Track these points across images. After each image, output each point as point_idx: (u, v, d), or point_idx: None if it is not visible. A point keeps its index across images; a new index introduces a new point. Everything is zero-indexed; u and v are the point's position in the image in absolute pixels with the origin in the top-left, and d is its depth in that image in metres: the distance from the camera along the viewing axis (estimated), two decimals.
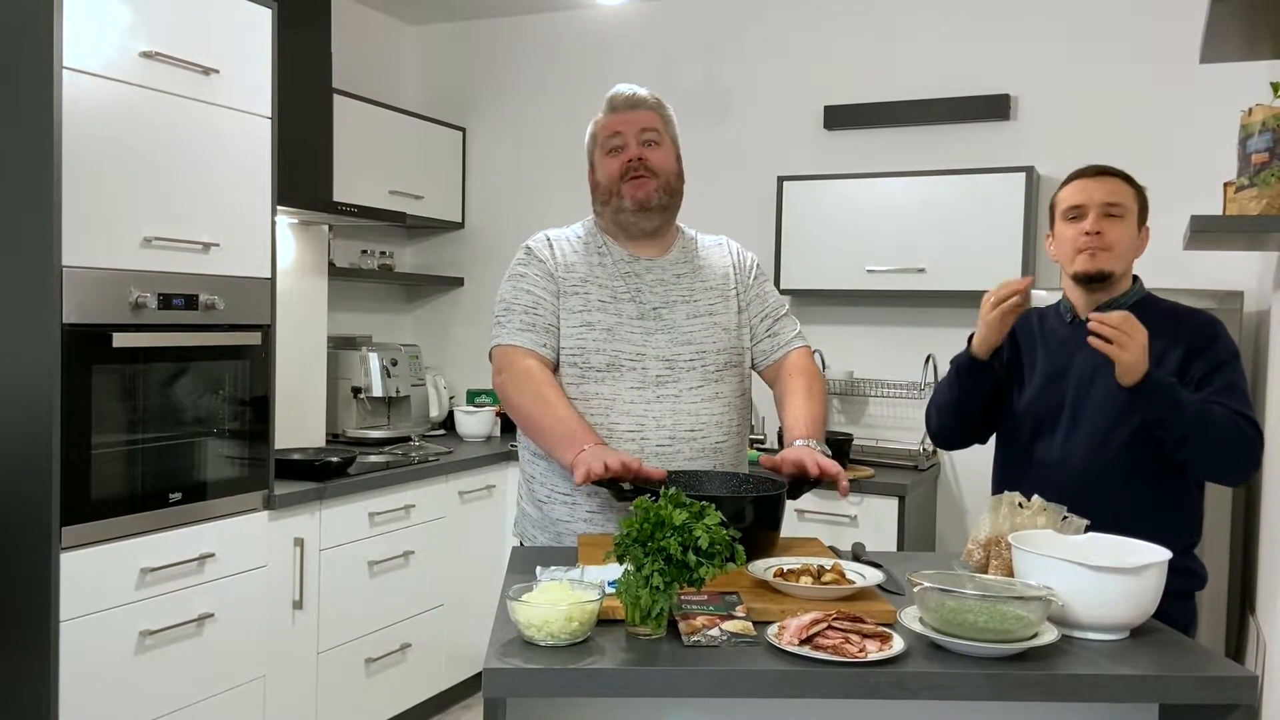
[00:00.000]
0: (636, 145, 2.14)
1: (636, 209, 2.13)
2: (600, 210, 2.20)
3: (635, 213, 2.13)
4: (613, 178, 2.14)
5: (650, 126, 2.16)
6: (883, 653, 1.39)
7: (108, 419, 2.53)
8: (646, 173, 2.13)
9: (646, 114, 2.17)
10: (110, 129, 2.51)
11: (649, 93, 2.20)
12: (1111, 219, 2.07)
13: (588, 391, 2.08)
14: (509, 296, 2.15)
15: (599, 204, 2.19)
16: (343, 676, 3.30)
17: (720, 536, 1.48)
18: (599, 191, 2.18)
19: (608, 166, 2.16)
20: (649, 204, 2.13)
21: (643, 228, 2.16)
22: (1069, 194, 2.12)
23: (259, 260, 2.94)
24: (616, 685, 1.38)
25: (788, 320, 2.27)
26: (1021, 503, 1.82)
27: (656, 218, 2.16)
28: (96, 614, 2.50)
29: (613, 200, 2.14)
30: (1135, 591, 1.51)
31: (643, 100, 2.18)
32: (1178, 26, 3.43)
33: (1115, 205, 2.07)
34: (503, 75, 4.64)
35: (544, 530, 2.17)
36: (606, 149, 2.16)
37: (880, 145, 3.93)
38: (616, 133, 2.15)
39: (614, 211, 2.15)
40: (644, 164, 2.13)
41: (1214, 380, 1.99)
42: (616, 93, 2.19)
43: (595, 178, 2.20)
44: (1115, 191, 2.08)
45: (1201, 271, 3.25)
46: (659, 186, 2.14)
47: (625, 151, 2.14)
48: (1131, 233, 2.09)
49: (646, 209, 2.13)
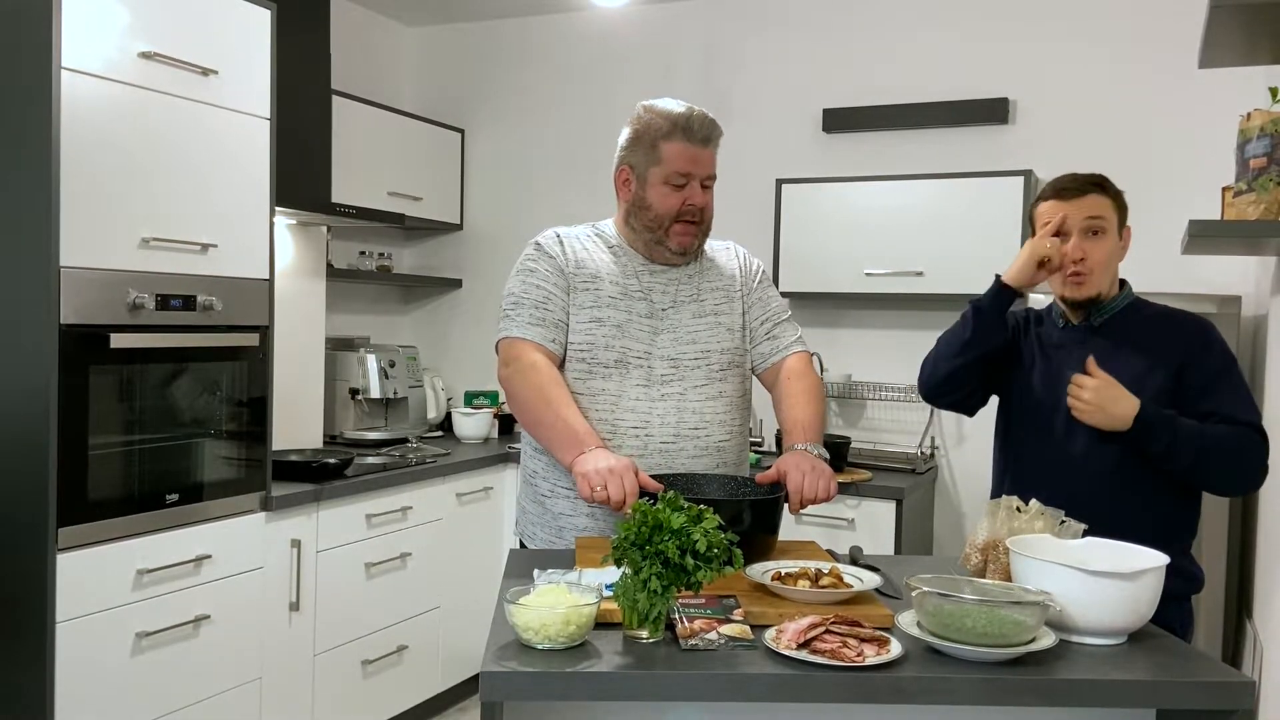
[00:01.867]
0: (701, 192, 2.11)
1: (679, 252, 2.14)
2: (636, 227, 2.16)
3: (675, 254, 2.14)
4: (669, 214, 2.10)
5: (713, 173, 2.13)
6: (880, 657, 1.39)
7: (105, 420, 2.53)
8: (699, 220, 2.12)
9: (713, 154, 2.13)
10: (109, 130, 2.51)
11: (717, 124, 2.12)
12: (1093, 238, 2.05)
13: (594, 387, 2.08)
14: (518, 290, 2.15)
15: (639, 223, 2.14)
16: (339, 678, 3.30)
17: (718, 540, 1.48)
18: (645, 214, 2.12)
19: (666, 200, 2.10)
20: (689, 250, 2.15)
21: (672, 263, 2.17)
22: (1048, 211, 2.10)
23: (257, 261, 2.94)
24: (614, 689, 1.38)
25: (788, 325, 2.28)
26: (1019, 507, 1.82)
27: (689, 259, 2.18)
28: (93, 615, 2.50)
29: (658, 232, 2.12)
30: (1133, 597, 1.51)
31: (715, 137, 2.12)
32: (1176, 31, 3.43)
33: (1096, 219, 2.05)
34: (501, 77, 4.64)
35: (545, 526, 2.17)
36: (670, 181, 2.09)
37: (879, 149, 3.94)
38: (687, 173, 2.09)
39: (654, 240, 2.13)
40: (701, 213, 2.12)
41: (1214, 390, 1.98)
42: (697, 117, 2.09)
43: (644, 197, 2.12)
44: (1094, 207, 2.06)
45: (1199, 276, 3.26)
46: (701, 233, 2.15)
47: (688, 192, 2.09)
48: (1112, 245, 2.07)
49: (686, 254, 2.15)
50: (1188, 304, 2.29)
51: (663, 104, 2.13)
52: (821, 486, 1.93)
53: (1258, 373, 2.91)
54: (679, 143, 2.08)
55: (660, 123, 2.09)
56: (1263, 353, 2.86)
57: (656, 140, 2.09)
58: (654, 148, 2.10)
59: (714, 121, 2.11)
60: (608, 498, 1.82)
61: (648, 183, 2.11)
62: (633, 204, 2.14)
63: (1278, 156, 1.94)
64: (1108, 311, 2.10)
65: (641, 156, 2.12)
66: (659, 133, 2.09)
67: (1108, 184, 2.10)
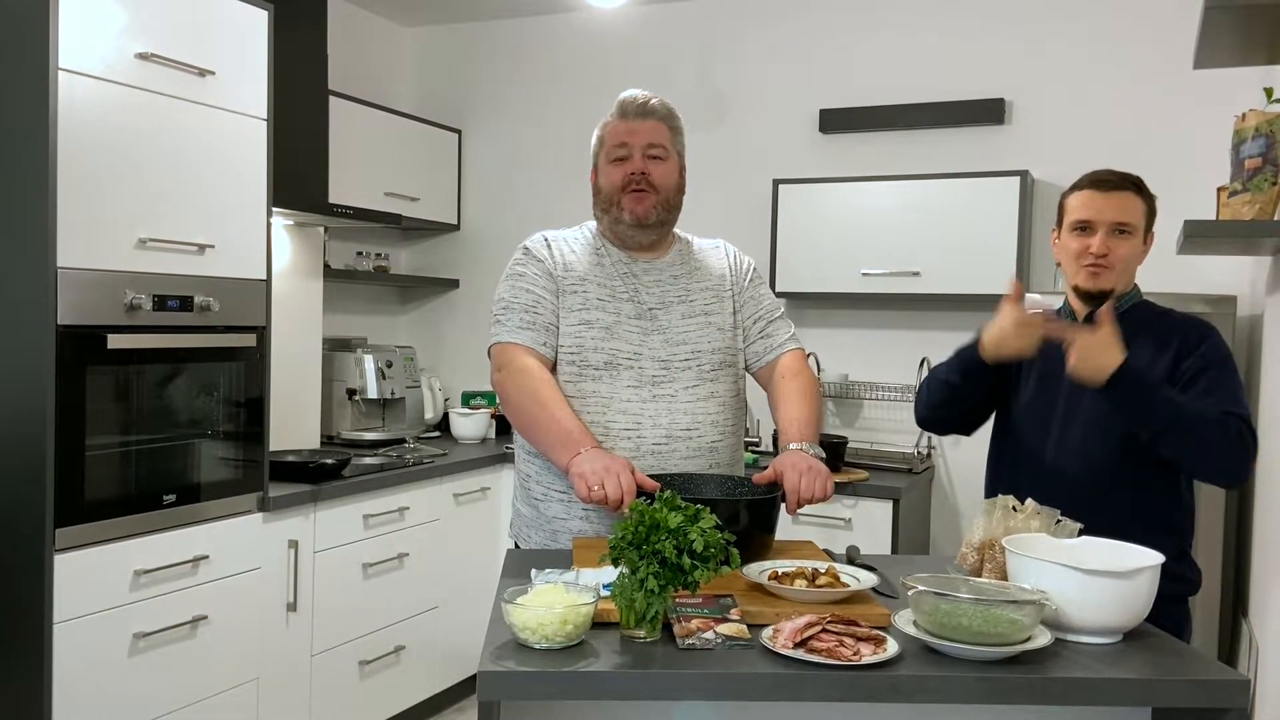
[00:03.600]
0: (641, 158, 2.12)
1: (634, 223, 2.14)
2: (599, 215, 2.20)
3: (632, 226, 2.14)
4: (614, 187, 2.13)
5: (657, 141, 2.14)
6: (876, 656, 1.39)
7: (102, 420, 2.53)
8: (648, 187, 2.12)
9: (655, 125, 2.15)
10: (106, 130, 2.51)
11: (661, 101, 2.17)
12: (1120, 237, 2.05)
13: (585, 390, 2.09)
14: (508, 295, 2.15)
15: (599, 209, 2.19)
16: (337, 679, 3.30)
17: (715, 540, 1.49)
18: (600, 197, 2.18)
19: (610, 175, 2.14)
20: (646, 220, 2.14)
21: (638, 240, 2.18)
22: (1078, 206, 2.09)
23: (254, 262, 2.94)
24: (611, 688, 1.38)
25: (782, 323, 2.28)
26: (1015, 506, 1.83)
27: (653, 233, 2.18)
28: (90, 616, 2.49)
29: (612, 209, 2.15)
30: (1128, 595, 1.52)
31: (654, 110, 2.15)
32: (1172, 32, 3.44)
33: (1125, 225, 2.04)
34: (498, 77, 4.64)
35: (539, 530, 2.17)
36: (612, 156, 2.14)
37: (875, 149, 3.94)
38: (623, 143, 2.13)
39: (612, 220, 2.16)
40: (646, 179, 2.12)
41: (1201, 379, 1.98)
42: (629, 98, 2.16)
43: (597, 182, 2.19)
44: (1126, 209, 2.05)
45: (1195, 276, 3.26)
46: (658, 203, 2.14)
47: (629, 163, 2.12)
48: (1137, 248, 2.07)
49: (644, 225, 2.14)
50: (1183, 304, 2.30)
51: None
52: (818, 486, 1.94)
53: (1253, 372, 2.92)
54: (614, 120, 2.17)
55: (607, 114, 2.19)
56: (1258, 352, 2.87)
57: (603, 129, 2.19)
58: (601, 138, 2.19)
59: (654, 99, 2.17)
60: (605, 497, 1.82)
61: (599, 169, 2.19)
62: (594, 195, 2.20)
63: (1272, 157, 1.95)
64: (1116, 309, 2.10)
65: (595, 148, 2.20)
66: (605, 123, 2.19)
67: (1143, 186, 2.09)
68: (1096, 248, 2.04)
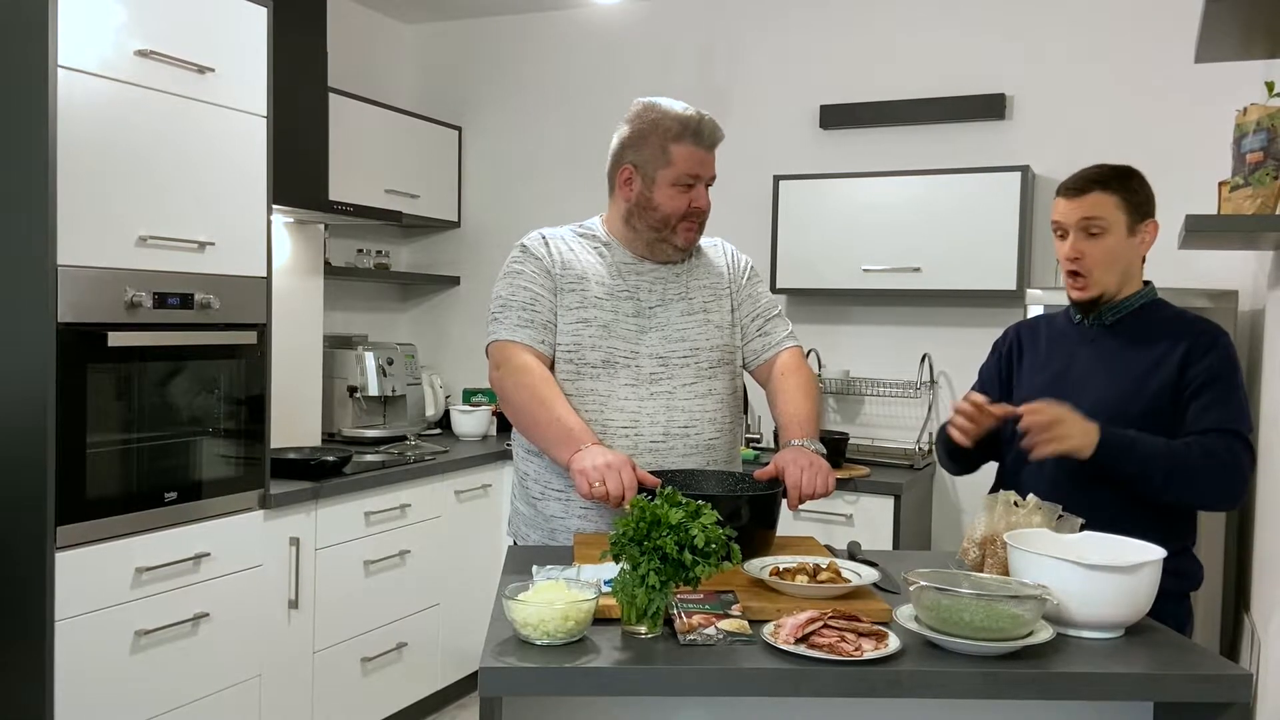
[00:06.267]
0: (706, 194, 2.14)
1: (683, 249, 2.16)
2: (636, 225, 2.15)
3: (678, 250, 2.16)
4: (676, 214, 2.11)
5: (715, 174, 2.16)
6: (878, 651, 1.39)
7: (103, 418, 2.53)
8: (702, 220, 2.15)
9: (714, 157, 2.15)
10: (105, 128, 2.50)
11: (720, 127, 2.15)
12: (1091, 237, 2.03)
13: (583, 388, 2.09)
14: (505, 293, 2.15)
15: (642, 222, 2.14)
16: (338, 676, 3.30)
17: (716, 535, 1.49)
18: (652, 214, 2.12)
19: (674, 200, 2.10)
20: (691, 246, 2.18)
21: (671, 259, 2.19)
22: (1053, 210, 2.10)
23: (254, 259, 2.93)
24: (612, 684, 1.38)
25: (779, 320, 2.28)
26: (1017, 501, 1.83)
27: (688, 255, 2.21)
28: (92, 613, 2.49)
29: (664, 230, 2.13)
30: (1130, 590, 1.52)
31: (719, 141, 2.14)
32: (1173, 26, 3.43)
33: (1093, 220, 2.02)
34: (499, 74, 4.64)
35: (537, 528, 2.17)
36: (681, 182, 2.10)
37: (876, 145, 3.94)
38: (696, 175, 2.10)
39: (657, 239, 2.14)
40: (704, 214, 2.15)
41: (1205, 393, 1.96)
42: (707, 123, 2.11)
43: (651, 198, 2.11)
44: (1092, 206, 2.02)
45: (1196, 270, 3.26)
46: (700, 229, 2.18)
47: (696, 194, 2.11)
48: (1115, 245, 2.03)
49: (687, 251, 2.19)
50: (1184, 298, 2.30)
51: (667, 104, 2.12)
52: (820, 482, 1.94)
53: (1254, 367, 2.91)
54: (689, 146, 2.09)
55: (670, 124, 2.09)
56: (1259, 346, 2.86)
57: (666, 142, 2.09)
58: (663, 149, 2.09)
59: (719, 126, 2.14)
60: (606, 494, 1.82)
61: (655, 183, 2.10)
62: (636, 204, 2.13)
63: (1274, 150, 1.94)
64: (1122, 310, 2.08)
65: (648, 157, 2.10)
66: (668, 134, 2.08)
67: (1112, 181, 2.05)
68: (1068, 251, 2.05)
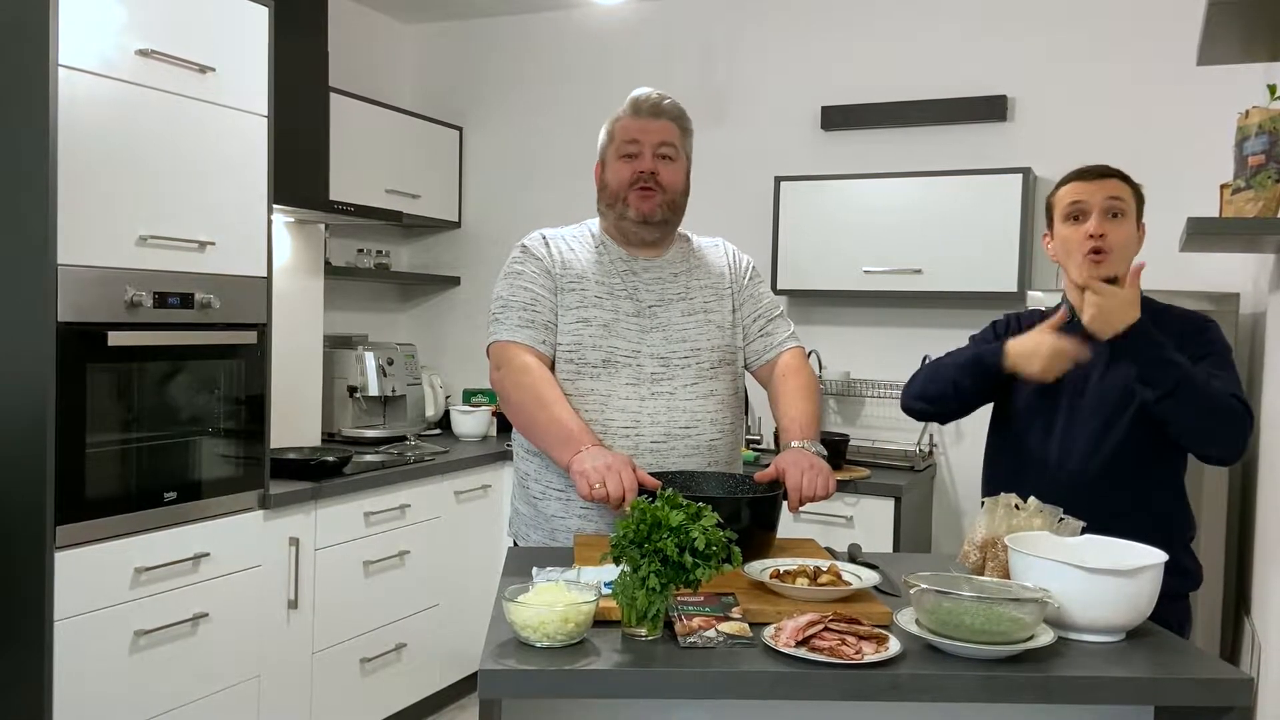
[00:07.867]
0: (651, 158, 2.13)
1: (639, 220, 2.14)
2: (604, 211, 2.20)
3: (637, 224, 2.14)
4: (622, 184, 2.13)
5: (668, 140, 2.15)
6: (879, 654, 1.39)
7: (102, 418, 2.53)
8: (655, 186, 2.13)
9: (666, 125, 2.15)
10: (106, 127, 2.50)
11: (673, 102, 2.18)
12: (1114, 219, 2.04)
13: (583, 388, 2.08)
14: (506, 294, 2.15)
15: (604, 205, 2.19)
16: (338, 676, 3.30)
17: (717, 538, 1.48)
18: (605, 193, 2.18)
19: (619, 171, 2.14)
20: (652, 218, 2.14)
21: (641, 237, 2.18)
22: (1068, 194, 2.09)
23: (255, 259, 2.93)
24: (612, 686, 1.38)
25: (781, 321, 2.28)
26: (1018, 504, 1.83)
27: (656, 231, 2.18)
28: (91, 613, 2.49)
29: (618, 205, 2.15)
30: (1131, 594, 1.51)
31: (666, 109, 2.16)
32: (1175, 28, 3.43)
33: (1117, 200, 2.04)
34: (499, 74, 4.63)
35: (537, 528, 2.17)
36: (621, 153, 2.14)
37: (877, 146, 3.94)
38: (634, 140, 2.13)
39: (617, 216, 2.16)
40: (655, 178, 2.12)
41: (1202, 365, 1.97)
42: (642, 96, 2.16)
43: (604, 177, 2.19)
44: (1116, 190, 2.06)
45: (1197, 273, 3.25)
46: (664, 202, 2.14)
47: (639, 161, 2.12)
48: (1132, 232, 2.07)
49: (649, 223, 2.15)
50: (1185, 301, 2.29)
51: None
52: (820, 484, 1.94)
53: (1255, 369, 2.91)
54: (627, 118, 2.17)
55: (618, 110, 2.19)
56: (1260, 350, 2.86)
57: (613, 124, 2.19)
58: (610, 132, 2.19)
59: (666, 99, 2.17)
60: (606, 495, 1.82)
61: (607, 164, 2.18)
62: (600, 190, 2.20)
63: (1276, 153, 1.94)
64: None
65: (603, 144, 2.20)
66: (615, 118, 2.19)
67: (1128, 176, 2.10)
68: (1094, 228, 2.03)
